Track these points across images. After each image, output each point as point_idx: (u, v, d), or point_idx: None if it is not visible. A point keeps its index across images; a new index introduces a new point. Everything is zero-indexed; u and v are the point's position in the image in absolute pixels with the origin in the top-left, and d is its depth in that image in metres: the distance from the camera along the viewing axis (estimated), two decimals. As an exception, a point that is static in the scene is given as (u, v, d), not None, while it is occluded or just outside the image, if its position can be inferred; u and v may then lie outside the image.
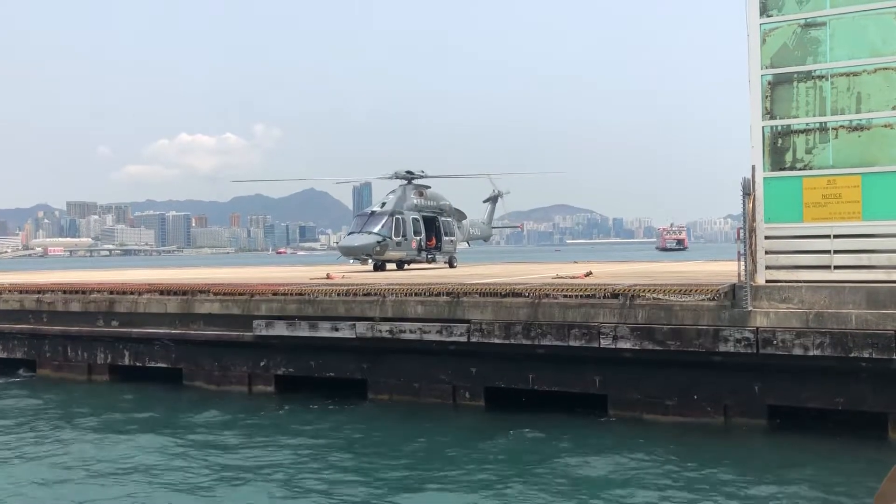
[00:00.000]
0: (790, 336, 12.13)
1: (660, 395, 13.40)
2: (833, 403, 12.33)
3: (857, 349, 11.75)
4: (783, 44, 12.75)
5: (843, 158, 12.48)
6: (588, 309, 13.79)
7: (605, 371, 13.78)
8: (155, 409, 15.37)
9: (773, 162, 12.90)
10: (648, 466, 11.05)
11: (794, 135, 12.79)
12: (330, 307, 15.99)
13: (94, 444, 12.98)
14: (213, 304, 17.29)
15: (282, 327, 16.15)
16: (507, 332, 14.16)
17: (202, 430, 13.73)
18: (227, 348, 17.11)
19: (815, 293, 12.34)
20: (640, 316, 13.36)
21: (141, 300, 18.15)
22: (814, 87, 12.62)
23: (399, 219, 27.77)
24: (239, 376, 16.97)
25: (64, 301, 19.11)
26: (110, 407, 15.75)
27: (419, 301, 15.24)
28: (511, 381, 14.60)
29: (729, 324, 12.66)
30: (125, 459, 11.98)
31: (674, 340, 12.96)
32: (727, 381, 12.92)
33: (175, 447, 12.65)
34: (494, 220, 38.76)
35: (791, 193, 12.77)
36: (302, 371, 16.49)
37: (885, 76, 12.20)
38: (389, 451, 12.16)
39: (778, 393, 12.69)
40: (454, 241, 31.28)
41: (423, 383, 15.26)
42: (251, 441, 12.92)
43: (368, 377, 15.82)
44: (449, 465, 11.40)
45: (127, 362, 18.27)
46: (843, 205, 12.47)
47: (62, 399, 16.68)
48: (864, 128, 12.35)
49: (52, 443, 13.11)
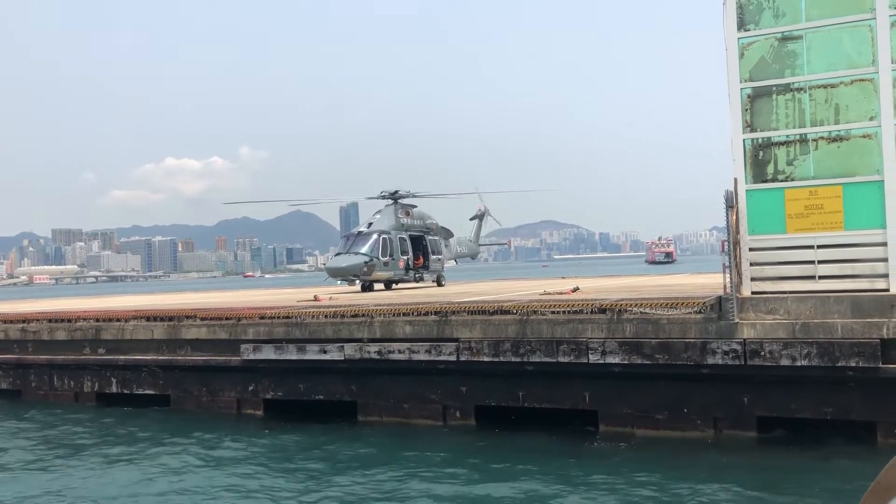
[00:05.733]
0: (777, 347, 12.18)
1: (650, 409, 13.40)
2: (822, 413, 12.36)
3: (844, 358, 11.80)
4: (761, 57, 12.90)
5: (823, 169, 12.60)
6: (576, 324, 13.80)
7: (595, 386, 13.77)
8: (141, 436, 15.21)
9: (755, 174, 13.00)
10: (640, 482, 11.01)
11: (774, 147, 12.91)
12: (318, 329, 15.93)
13: (83, 472, 12.83)
14: (200, 329, 17.20)
15: (269, 351, 16.06)
16: (496, 350, 14.14)
17: (190, 456, 13.60)
18: (214, 373, 17.00)
19: (800, 304, 12.40)
20: (627, 330, 13.38)
21: (127, 327, 18.03)
22: (793, 100, 12.75)
23: (386, 238, 27.77)
24: (227, 401, 16.85)
25: (49, 330, 18.96)
26: (97, 434, 15.58)
27: (407, 321, 15.21)
28: (501, 399, 14.56)
29: (716, 336, 12.70)
30: (112, 488, 11.84)
31: (662, 354, 12.99)
32: (716, 393, 12.93)
33: (162, 474, 12.52)
34: (481, 237, 38.86)
35: (774, 205, 12.86)
36: (291, 395, 16.39)
37: (861, 87, 12.35)
38: (380, 473, 12.08)
39: (767, 404, 12.71)
40: (441, 259, 31.31)
41: (413, 403, 15.19)
42: (239, 466, 12.80)
43: (358, 399, 15.74)
44: (440, 486, 11.32)
45: (114, 390, 18.12)
46: (826, 215, 12.57)
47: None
48: (844, 139, 12.49)
49: (40, 471, 12.95)
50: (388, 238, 27.84)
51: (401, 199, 30.33)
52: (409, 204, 30.59)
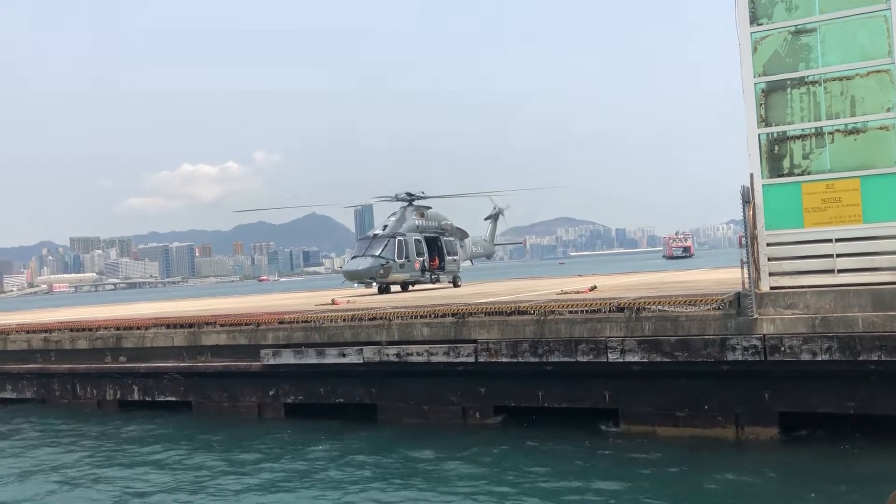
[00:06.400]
0: (797, 342, 12.10)
1: (670, 407, 13.36)
2: (844, 408, 12.27)
3: (866, 352, 11.70)
4: (774, 51, 12.82)
5: (840, 162, 12.51)
6: (594, 323, 13.78)
7: (615, 385, 13.74)
8: (164, 442, 15.34)
9: (771, 169, 12.93)
10: (661, 481, 11.00)
11: (790, 141, 12.83)
12: (336, 333, 16.01)
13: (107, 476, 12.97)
14: (220, 335, 17.33)
15: (289, 355, 16.16)
16: (514, 351, 14.15)
17: (214, 460, 13.70)
18: (235, 379, 17.12)
19: (819, 298, 12.32)
20: (646, 328, 13.34)
21: (147, 335, 18.20)
22: (807, 93, 12.67)
23: (401, 241, 27.84)
24: (248, 406, 16.96)
25: (71, 339, 19.16)
26: (119, 439, 15.73)
27: (425, 323, 15.25)
28: (521, 399, 14.57)
29: (735, 332, 12.64)
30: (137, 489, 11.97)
31: (681, 351, 12.94)
32: (736, 389, 12.87)
33: (187, 476, 12.64)
34: (497, 236, 38.84)
35: (791, 199, 12.79)
36: (311, 398, 16.48)
37: (877, 79, 12.25)
38: (401, 475, 12.12)
39: (788, 400, 12.63)
40: (457, 260, 31.33)
41: (432, 405, 15.23)
42: (263, 469, 12.89)
43: (378, 401, 15.80)
44: (462, 486, 11.35)
45: (136, 397, 18.29)
46: (844, 208, 12.48)
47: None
48: (860, 131, 12.39)
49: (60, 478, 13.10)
50: (403, 240, 27.91)
51: (415, 201, 30.40)
52: (424, 205, 30.65)
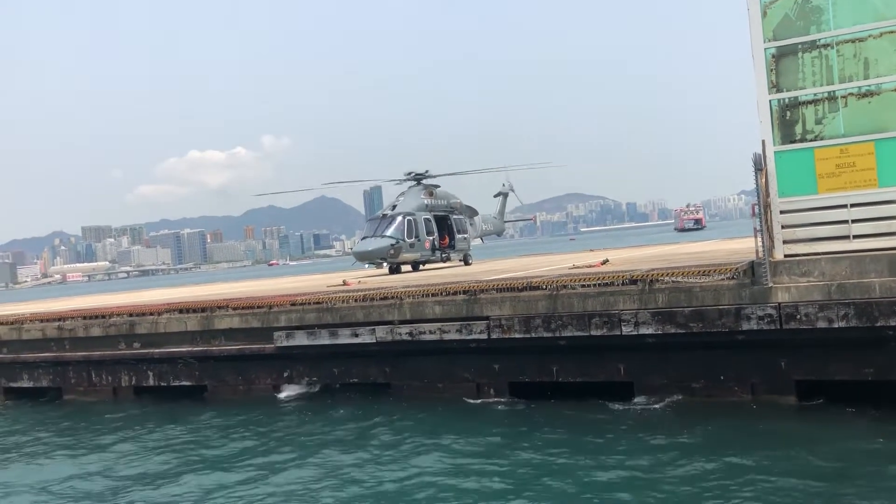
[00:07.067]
0: (813, 310, 11.98)
1: (686, 379, 13.29)
2: (862, 374, 12.16)
3: (883, 318, 11.58)
4: (784, 15, 12.59)
5: (854, 126, 12.31)
6: (607, 297, 13.69)
7: (630, 358, 13.68)
8: (182, 426, 15.42)
9: (784, 135, 12.74)
10: (679, 452, 10.94)
11: (802, 106, 12.63)
12: (348, 314, 15.99)
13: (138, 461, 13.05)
14: (233, 318, 17.34)
15: (302, 337, 16.16)
16: (527, 326, 14.09)
17: (232, 440, 13.76)
18: (249, 362, 17.16)
19: (835, 265, 12.17)
20: (660, 300, 13.25)
21: (161, 320, 18.23)
22: (819, 57, 12.45)
23: (411, 220, 27.74)
24: (263, 389, 17.01)
25: (85, 327, 19.22)
26: (139, 425, 15.83)
27: (437, 301, 15.20)
28: (535, 375, 14.53)
29: (750, 301, 12.53)
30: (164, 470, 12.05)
31: (696, 322, 12.84)
32: (752, 359, 12.78)
33: (209, 456, 12.71)
34: (506, 213, 38.68)
35: (804, 166, 12.61)
36: (325, 379, 16.51)
37: (891, 40, 12.02)
38: (416, 452, 12.12)
39: (805, 368, 12.54)
40: (467, 238, 31.22)
41: (446, 383, 15.22)
42: (280, 448, 12.93)
43: (392, 380, 15.81)
44: (480, 462, 11.34)
45: (151, 383, 18.36)
46: (858, 173, 12.30)
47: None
48: (874, 93, 12.17)
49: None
50: (412, 219, 27.81)
51: (424, 180, 30.26)
52: (433, 184, 30.51)
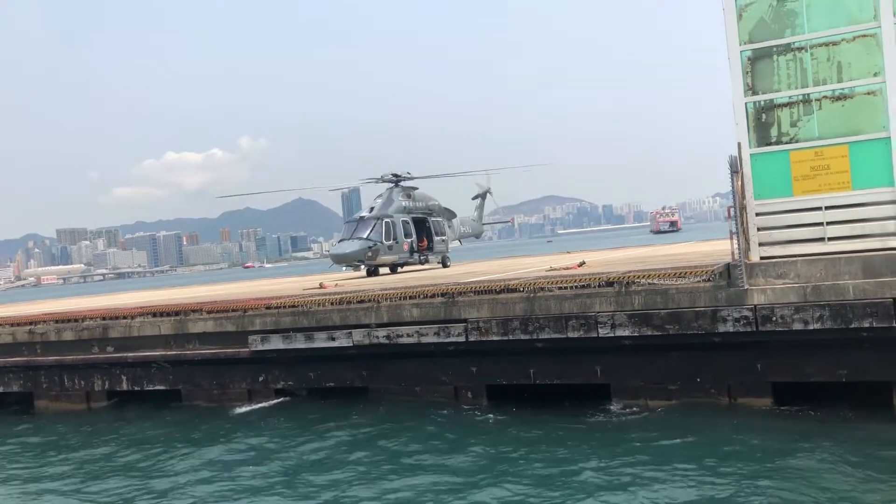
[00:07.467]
0: (789, 311, 12.04)
1: (662, 381, 13.30)
2: (836, 376, 12.24)
3: (857, 319, 11.66)
4: (760, 18, 12.65)
5: (828, 129, 12.39)
6: (584, 299, 13.67)
7: (606, 360, 13.67)
8: (158, 433, 15.19)
9: (759, 137, 12.80)
10: (654, 454, 10.94)
11: (777, 109, 12.69)
12: (325, 317, 15.84)
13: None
14: (207, 322, 17.12)
15: (277, 341, 15.99)
16: (504, 329, 14.03)
17: (205, 449, 13.57)
18: (224, 366, 16.94)
19: (810, 266, 12.24)
20: (636, 302, 13.25)
21: (134, 324, 17.97)
22: (794, 60, 12.52)
23: (389, 222, 27.62)
24: (238, 393, 16.80)
25: (57, 330, 18.88)
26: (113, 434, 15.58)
27: (414, 304, 15.11)
28: (512, 377, 14.48)
29: (726, 303, 12.56)
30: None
31: (672, 324, 12.86)
32: (729, 361, 12.81)
33: (186, 467, 12.52)
34: (484, 216, 38.65)
35: (779, 168, 12.67)
36: (301, 383, 16.34)
37: (863, 43, 12.11)
38: (394, 458, 12.02)
39: (781, 369, 12.59)
40: (445, 240, 31.15)
41: (424, 386, 15.12)
42: (256, 457, 12.77)
43: (369, 384, 15.68)
44: (455, 467, 11.26)
45: (125, 387, 18.07)
46: (833, 175, 12.38)
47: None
48: (848, 97, 12.26)
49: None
50: (390, 222, 27.69)
51: (402, 182, 30.15)
52: (411, 186, 30.41)
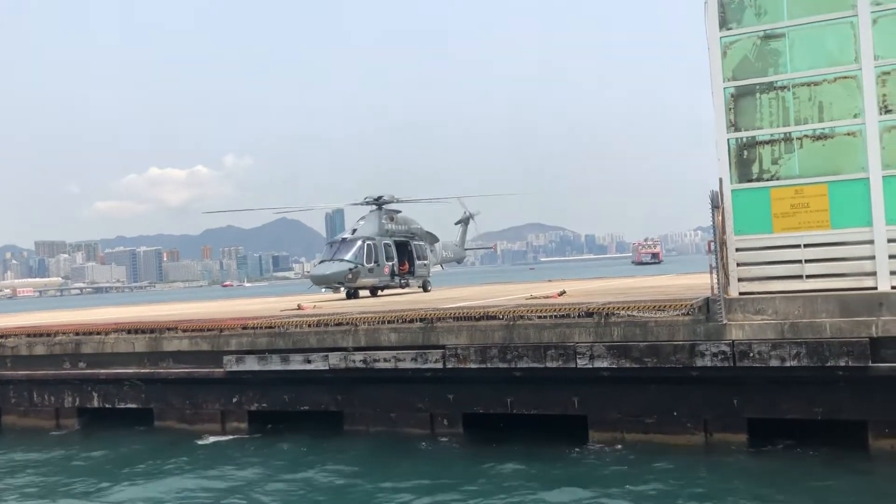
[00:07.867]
0: (766, 348, 12.06)
1: (639, 413, 13.24)
2: (812, 413, 12.24)
3: (833, 358, 11.69)
4: (744, 56, 12.80)
5: (809, 168, 12.50)
6: (563, 329, 13.63)
7: (584, 391, 13.60)
8: (127, 455, 14.91)
9: (741, 174, 12.89)
10: (630, 489, 10.86)
11: (759, 146, 12.80)
12: (301, 339, 15.68)
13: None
14: (182, 341, 16.89)
15: (253, 362, 15.79)
16: (482, 356, 13.94)
17: (175, 474, 13.32)
18: (197, 386, 16.70)
19: (788, 303, 12.29)
20: (615, 334, 13.22)
21: (108, 340, 17.70)
22: (776, 98, 12.66)
23: (370, 245, 27.53)
24: (211, 414, 16.55)
25: (28, 345, 18.58)
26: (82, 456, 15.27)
27: (392, 329, 15.00)
28: (489, 406, 14.36)
29: (705, 338, 12.56)
30: None
31: (650, 357, 12.84)
32: (705, 395, 12.79)
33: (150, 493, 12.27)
34: (467, 241, 38.67)
35: (759, 204, 12.75)
36: (276, 405, 16.12)
37: (844, 85, 12.27)
38: (367, 486, 11.85)
39: (757, 406, 12.58)
40: (427, 264, 31.08)
41: (399, 412, 14.96)
42: (227, 484, 12.54)
43: (344, 409, 15.50)
44: (428, 497, 11.11)
45: (96, 404, 17.77)
46: (812, 214, 12.48)
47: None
48: (828, 136, 12.40)
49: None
50: (372, 244, 27.61)
51: (385, 205, 30.12)
52: (394, 209, 30.38)
